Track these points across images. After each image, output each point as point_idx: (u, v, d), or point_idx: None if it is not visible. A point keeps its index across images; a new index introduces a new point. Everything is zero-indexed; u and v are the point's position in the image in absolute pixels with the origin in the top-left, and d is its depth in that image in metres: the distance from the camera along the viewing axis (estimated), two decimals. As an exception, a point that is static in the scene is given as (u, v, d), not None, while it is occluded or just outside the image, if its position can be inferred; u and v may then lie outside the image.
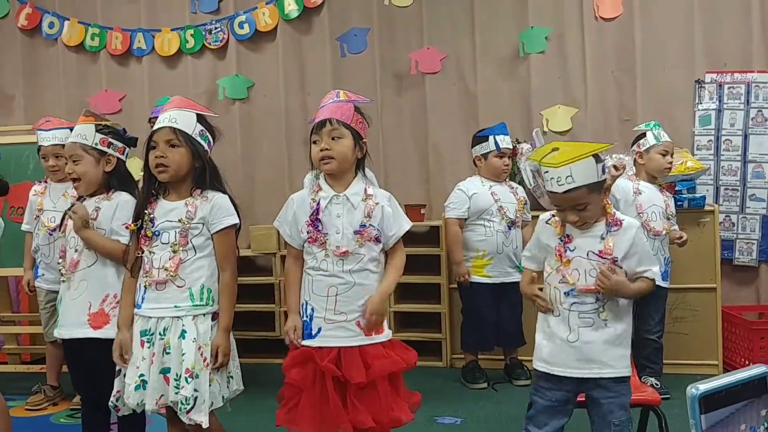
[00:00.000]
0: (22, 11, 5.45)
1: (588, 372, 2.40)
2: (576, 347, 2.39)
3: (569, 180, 2.30)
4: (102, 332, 2.70)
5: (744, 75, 4.62)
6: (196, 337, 2.43)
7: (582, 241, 2.42)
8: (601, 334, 2.38)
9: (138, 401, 2.44)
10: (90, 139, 2.76)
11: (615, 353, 2.41)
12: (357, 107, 2.60)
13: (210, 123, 2.61)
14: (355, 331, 2.52)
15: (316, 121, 2.58)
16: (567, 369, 2.41)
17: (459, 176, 4.43)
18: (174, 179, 2.51)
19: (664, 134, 3.87)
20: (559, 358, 2.42)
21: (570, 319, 2.39)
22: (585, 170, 2.31)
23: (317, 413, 2.46)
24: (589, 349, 2.38)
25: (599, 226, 2.42)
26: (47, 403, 3.94)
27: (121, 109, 5.33)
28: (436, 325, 4.61)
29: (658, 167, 3.83)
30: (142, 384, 2.43)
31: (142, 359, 2.45)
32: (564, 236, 2.44)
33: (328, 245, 2.52)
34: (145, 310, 2.50)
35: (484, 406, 3.83)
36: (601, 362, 2.39)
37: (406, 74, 5.03)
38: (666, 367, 3.94)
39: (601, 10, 4.76)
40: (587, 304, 2.38)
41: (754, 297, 4.65)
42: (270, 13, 5.15)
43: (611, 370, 2.40)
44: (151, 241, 2.50)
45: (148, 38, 5.31)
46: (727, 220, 4.63)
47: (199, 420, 2.39)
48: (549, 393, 2.45)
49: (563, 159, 2.30)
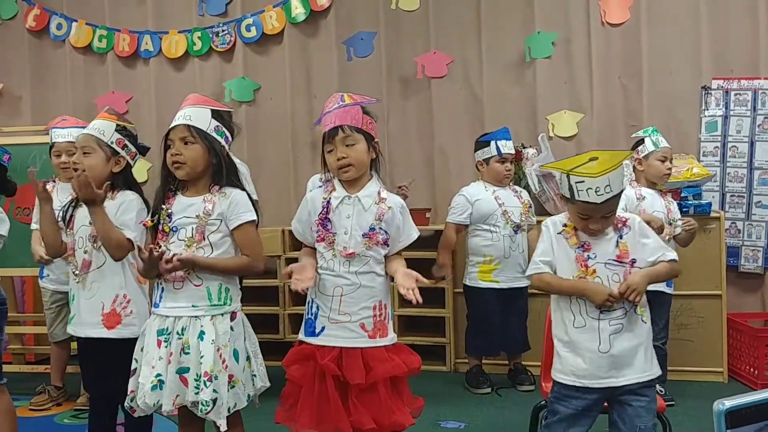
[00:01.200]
0: (30, 12, 5.47)
1: (623, 380, 2.36)
2: (608, 357, 2.34)
3: (608, 189, 2.29)
4: (115, 332, 2.72)
5: (751, 82, 4.61)
6: (215, 338, 2.42)
7: (598, 249, 2.40)
8: (632, 338, 2.36)
9: (154, 401, 2.41)
10: (107, 136, 2.76)
11: (646, 355, 2.39)
12: (364, 108, 2.61)
13: (227, 119, 2.60)
14: (358, 332, 2.52)
15: (326, 129, 2.57)
16: (599, 380, 2.36)
17: (464, 181, 4.43)
18: (191, 176, 2.50)
19: (663, 140, 3.87)
20: (590, 370, 2.36)
21: (600, 329, 2.34)
22: (619, 178, 2.34)
23: (316, 412, 2.46)
24: (622, 357, 2.35)
25: (609, 231, 2.41)
26: (51, 404, 3.95)
27: (127, 110, 5.34)
28: (441, 329, 4.61)
29: (658, 173, 3.83)
30: (159, 384, 2.41)
31: (159, 359, 2.43)
32: (581, 244, 2.40)
33: (336, 245, 2.52)
34: (162, 309, 2.49)
35: (488, 411, 3.83)
36: (633, 367, 2.36)
37: (413, 78, 5.04)
38: (671, 374, 3.93)
39: (607, 15, 4.76)
40: (614, 311, 2.35)
41: (759, 304, 4.63)
42: (277, 16, 5.16)
43: (643, 374, 2.38)
44: (168, 236, 2.49)
45: (155, 40, 5.33)
46: (733, 227, 4.62)
47: (218, 422, 2.39)
48: (575, 402, 2.39)
49: (602, 169, 2.29)
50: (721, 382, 4.18)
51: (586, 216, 2.37)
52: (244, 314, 2.58)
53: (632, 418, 2.37)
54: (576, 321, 2.38)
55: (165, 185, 2.55)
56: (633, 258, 2.39)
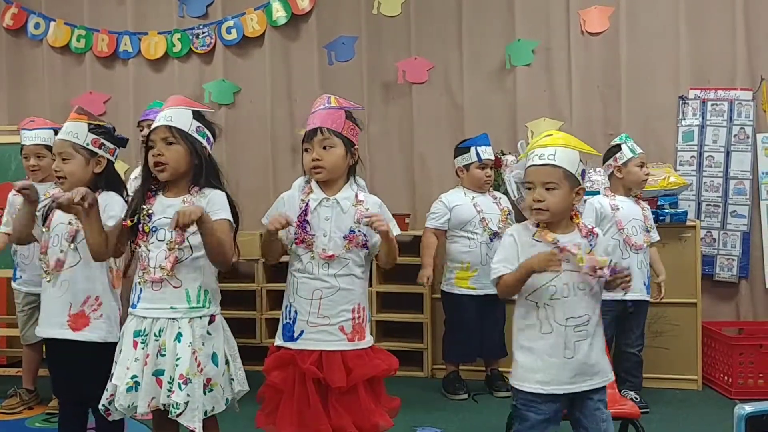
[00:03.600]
0: (7, 11, 5.41)
1: (586, 385, 2.37)
2: (574, 363, 2.35)
3: (551, 157, 2.35)
4: (81, 334, 2.67)
5: (727, 92, 4.67)
6: (192, 341, 2.40)
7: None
8: (594, 344, 2.38)
9: (129, 403, 2.38)
10: (82, 139, 2.72)
11: (603, 360, 2.42)
12: (348, 113, 2.61)
13: (209, 120, 2.59)
14: (337, 335, 2.52)
15: (308, 128, 2.58)
16: (565, 386, 2.36)
17: (444, 187, 4.44)
18: (173, 177, 2.48)
19: (637, 146, 3.91)
20: (556, 376, 2.36)
21: (567, 336, 2.34)
22: (568, 157, 2.37)
23: (297, 416, 2.46)
24: (586, 362, 2.36)
25: (571, 236, 2.38)
26: (23, 407, 3.89)
27: (105, 111, 5.29)
28: (418, 334, 4.61)
29: (637, 180, 3.86)
30: (134, 386, 2.38)
31: (135, 360, 2.40)
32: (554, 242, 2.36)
33: (315, 248, 2.52)
34: (140, 310, 2.46)
35: (465, 417, 3.82)
36: (595, 372, 2.39)
37: (393, 83, 5.05)
38: (646, 381, 3.96)
39: (587, 24, 4.80)
40: (580, 317, 2.35)
41: (734, 313, 4.68)
42: (258, 19, 5.15)
43: (605, 378, 2.43)
44: (148, 237, 2.46)
45: (134, 41, 5.29)
46: (709, 236, 4.66)
47: (192, 426, 2.36)
48: (543, 406, 2.38)
49: (553, 142, 2.40)
50: (696, 389, 4.21)
51: (530, 185, 2.39)
52: (223, 318, 2.55)
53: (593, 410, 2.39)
54: (543, 328, 2.36)
55: (145, 184, 2.53)
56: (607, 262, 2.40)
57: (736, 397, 3.99)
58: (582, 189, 2.40)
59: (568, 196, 2.36)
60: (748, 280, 4.65)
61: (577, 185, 2.38)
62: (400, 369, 2.65)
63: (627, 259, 3.70)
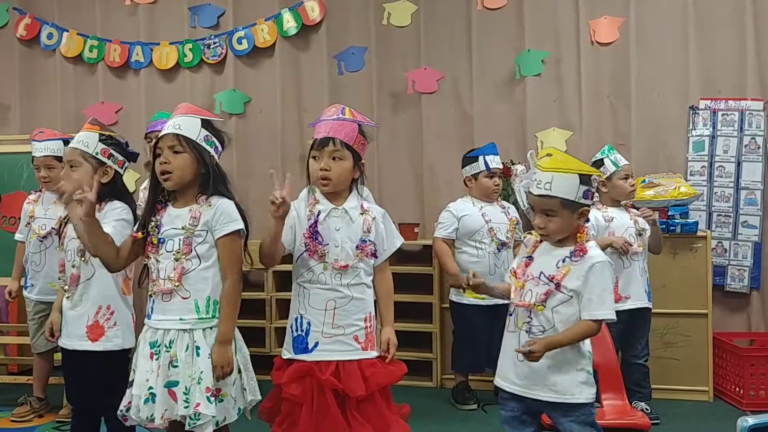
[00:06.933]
0: (21, 21, 5.46)
1: (529, 392, 2.38)
2: (520, 365, 2.39)
3: (547, 186, 2.38)
4: (99, 344, 2.74)
5: (738, 102, 4.65)
6: (210, 353, 2.40)
7: (540, 258, 2.43)
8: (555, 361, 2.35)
9: (148, 415, 2.39)
10: (91, 148, 2.75)
11: (562, 379, 2.36)
12: (360, 127, 2.61)
13: (218, 128, 2.58)
14: (352, 345, 2.53)
15: (318, 135, 2.58)
16: (512, 386, 2.42)
17: (453, 196, 4.43)
18: (179, 186, 2.47)
19: (621, 157, 3.93)
20: (507, 374, 2.45)
21: (520, 336, 2.40)
22: (564, 184, 2.37)
23: (317, 428, 2.45)
24: (531, 370, 2.36)
25: (563, 250, 2.41)
26: (33, 415, 3.91)
27: (117, 121, 5.33)
28: (427, 344, 4.60)
29: (623, 192, 3.88)
30: (151, 397, 2.39)
31: (150, 371, 2.41)
32: (528, 257, 2.46)
33: (328, 258, 2.52)
34: (153, 322, 2.47)
35: (474, 427, 3.81)
36: (543, 385, 2.36)
37: (403, 94, 5.06)
38: (656, 392, 3.94)
39: (597, 35, 4.80)
40: (536, 326, 2.38)
41: (745, 324, 4.65)
42: (269, 30, 5.17)
43: (554, 396, 2.35)
44: (157, 248, 2.46)
45: (146, 51, 5.32)
46: (720, 246, 4.64)
47: None
48: (510, 403, 2.45)
49: (549, 166, 2.42)
50: (707, 401, 4.18)
51: (532, 207, 2.48)
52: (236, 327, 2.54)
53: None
54: (509, 326, 2.48)
55: (155, 195, 2.52)
56: (563, 284, 2.36)
57: (747, 408, 3.96)
58: (586, 210, 2.41)
59: (568, 220, 2.40)
60: (760, 290, 4.62)
61: (579, 208, 2.39)
62: (409, 379, 2.65)
63: (628, 268, 3.77)
